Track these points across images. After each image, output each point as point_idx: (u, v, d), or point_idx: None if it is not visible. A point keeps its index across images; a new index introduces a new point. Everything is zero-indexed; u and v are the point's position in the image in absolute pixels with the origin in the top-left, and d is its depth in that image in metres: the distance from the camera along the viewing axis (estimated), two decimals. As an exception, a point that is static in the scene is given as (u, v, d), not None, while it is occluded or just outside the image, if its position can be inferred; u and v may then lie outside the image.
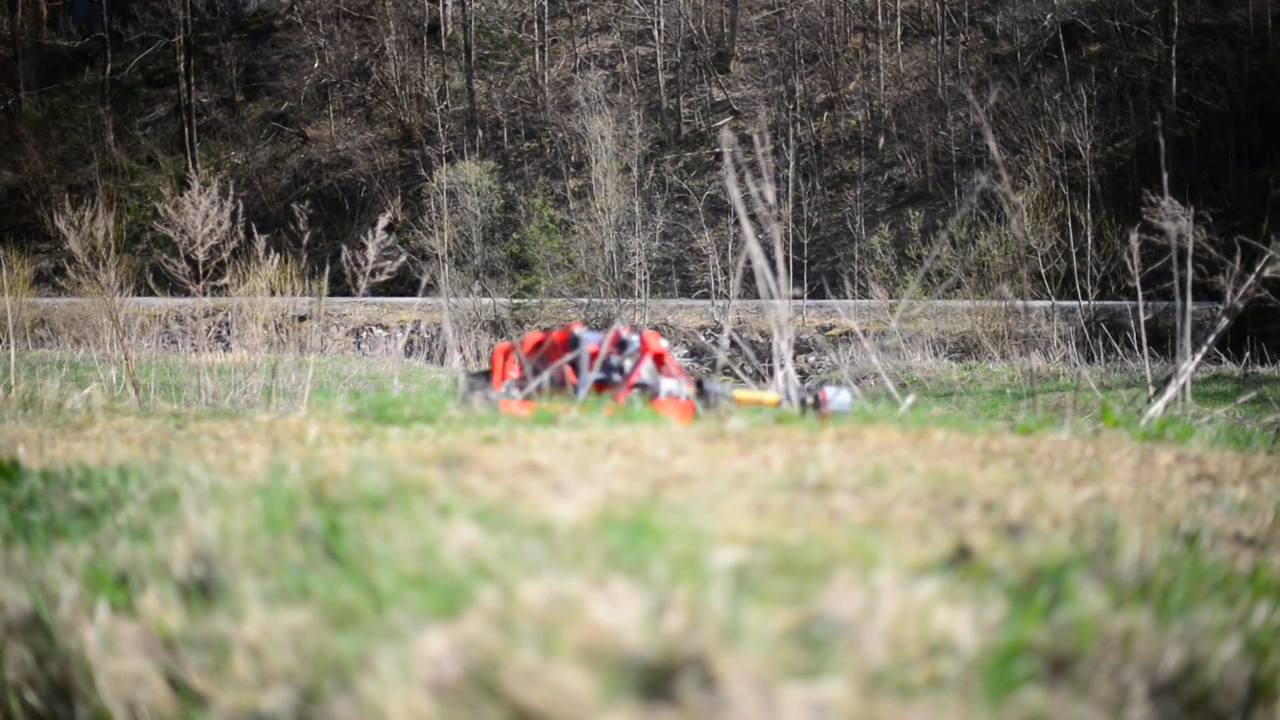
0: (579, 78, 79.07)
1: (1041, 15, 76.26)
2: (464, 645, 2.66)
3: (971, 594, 2.95)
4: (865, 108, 77.01)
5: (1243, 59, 69.73)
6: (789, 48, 79.97)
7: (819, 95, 78.69)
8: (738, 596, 2.72)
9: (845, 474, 4.81)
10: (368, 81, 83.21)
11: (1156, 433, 6.99)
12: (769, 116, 75.81)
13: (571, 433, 6.71)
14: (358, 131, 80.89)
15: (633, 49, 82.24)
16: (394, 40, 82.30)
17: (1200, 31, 71.69)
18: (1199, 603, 2.84)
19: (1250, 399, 10.26)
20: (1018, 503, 4.13)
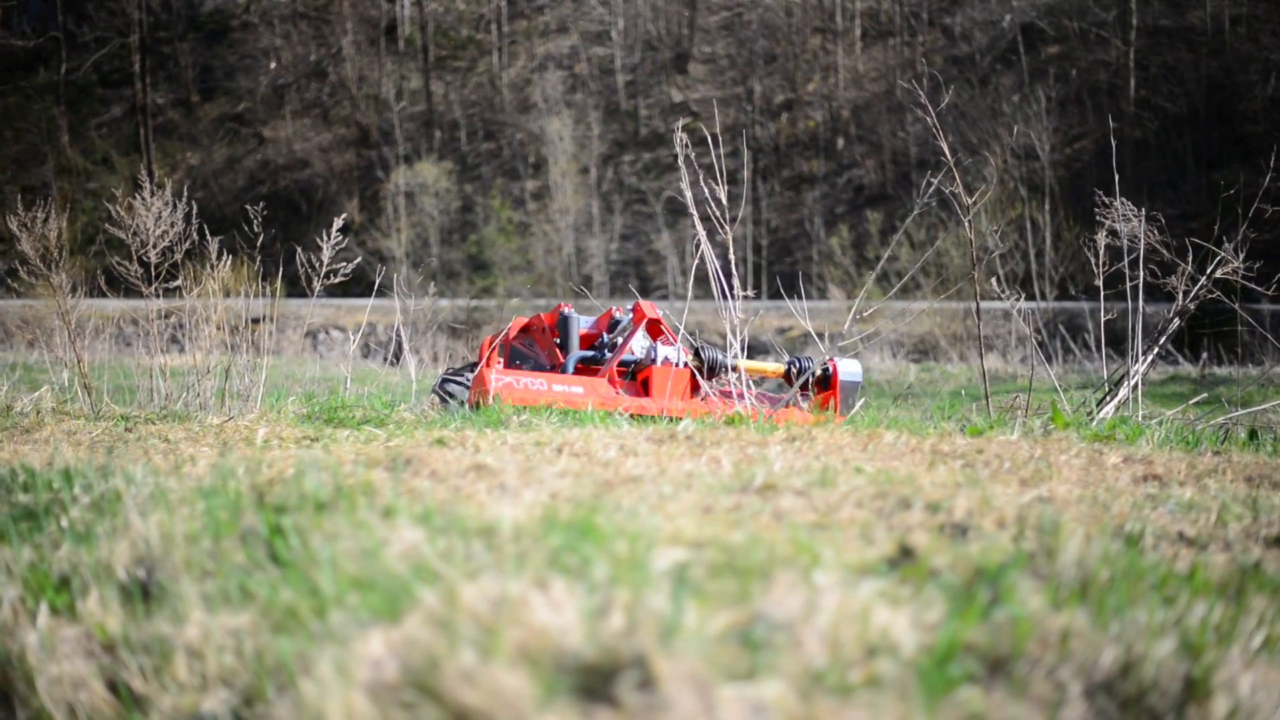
0: (537, 79, 79.07)
1: (1000, 17, 76.50)
2: (404, 646, 2.65)
3: (912, 594, 2.96)
4: (824, 109, 77.13)
5: (1201, 61, 70.08)
6: (748, 49, 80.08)
7: (778, 96, 78.80)
8: (678, 597, 2.71)
9: (793, 475, 4.82)
10: (324, 82, 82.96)
11: (1106, 434, 7.01)
12: (728, 117, 75.89)
13: (522, 434, 6.71)
14: (314, 132, 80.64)
15: (591, 50, 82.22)
16: (351, 41, 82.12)
17: (1158, 33, 72.03)
18: (1137, 602, 2.85)
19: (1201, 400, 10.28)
20: (963, 504, 4.14)
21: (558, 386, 9.09)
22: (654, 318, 10.33)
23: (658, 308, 10.52)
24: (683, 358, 9.68)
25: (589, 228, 67.18)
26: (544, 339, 11.74)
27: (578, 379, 9.39)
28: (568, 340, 11.34)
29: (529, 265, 64.83)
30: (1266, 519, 4.26)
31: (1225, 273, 8.97)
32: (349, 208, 70.38)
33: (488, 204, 70.64)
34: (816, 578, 2.92)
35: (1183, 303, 9.08)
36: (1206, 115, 67.79)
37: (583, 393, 9.04)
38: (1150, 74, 70.98)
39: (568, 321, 11.42)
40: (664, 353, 9.68)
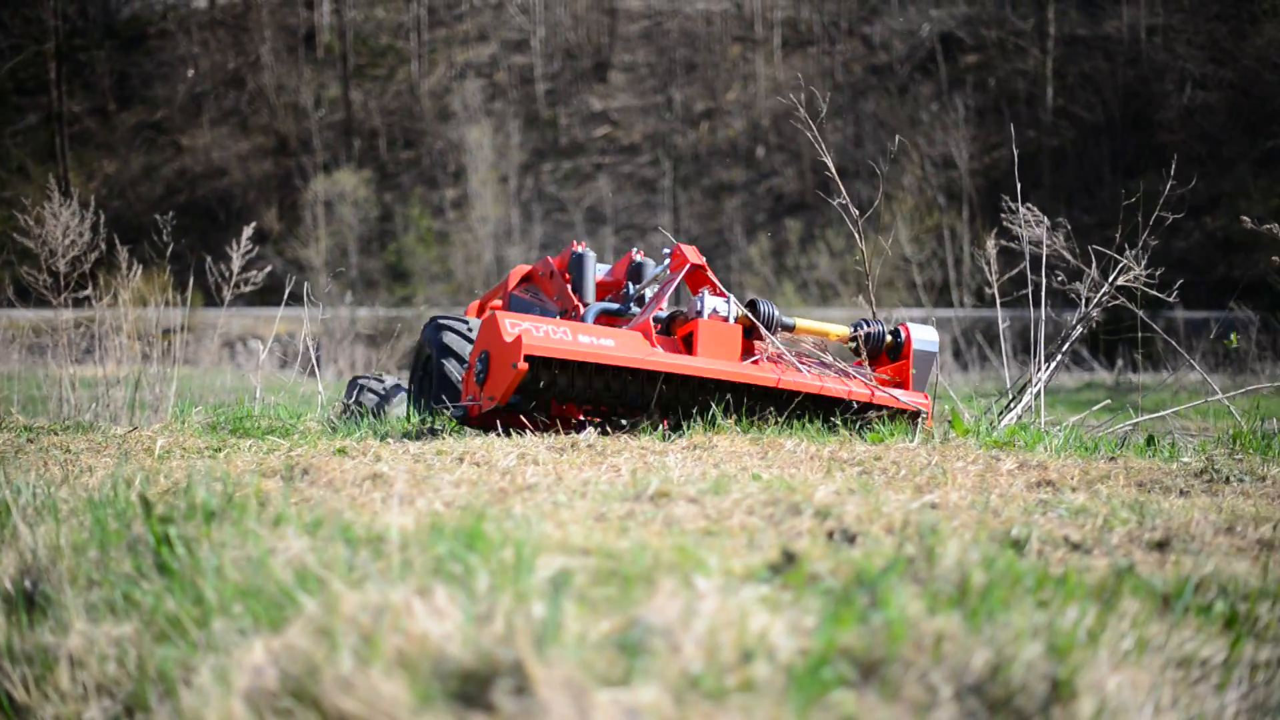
0: (457, 87, 78.87)
1: (919, 26, 76.91)
2: (285, 654, 2.67)
3: (792, 599, 3.00)
4: (744, 117, 77.31)
5: (1117, 70, 70.68)
6: (668, 57, 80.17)
7: (698, 105, 78.92)
8: (558, 604, 2.73)
9: (689, 483, 4.85)
10: (243, 90, 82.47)
11: (1006, 441, 7.08)
12: (647, 126, 76.02)
13: (425, 443, 6.72)
14: (232, 141, 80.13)
15: (511, 58, 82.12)
16: (269, 49, 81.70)
17: (1076, 43, 72.61)
18: (1011, 606, 2.90)
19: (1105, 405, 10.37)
20: (853, 510, 4.19)
21: (584, 338, 7.56)
22: (698, 263, 8.93)
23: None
24: (735, 311, 8.26)
25: (508, 236, 67.12)
26: (552, 284, 10.48)
27: (609, 330, 7.82)
28: (583, 283, 10.17)
29: (448, 274, 64.66)
30: (1151, 524, 4.32)
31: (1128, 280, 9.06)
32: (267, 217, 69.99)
33: (407, 213, 70.43)
34: (698, 583, 2.95)
35: (1086, 310, 9.17)
36: (1123, 124, 68.38)
37: (614, 346, 7.57)
38: (1068, 83, 71.57)
39: (582, 261, 10.25)
40: (712, 304, 8.28)
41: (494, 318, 7.49)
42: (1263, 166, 59.66)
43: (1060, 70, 72.02)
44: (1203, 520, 4.43)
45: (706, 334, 8.03)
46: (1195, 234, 57.40)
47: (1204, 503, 5.08)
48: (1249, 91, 63.70)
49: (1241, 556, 3.93)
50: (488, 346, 7.59)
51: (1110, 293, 9.19)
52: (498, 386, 7.30)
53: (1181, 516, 4.54)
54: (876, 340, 8.62)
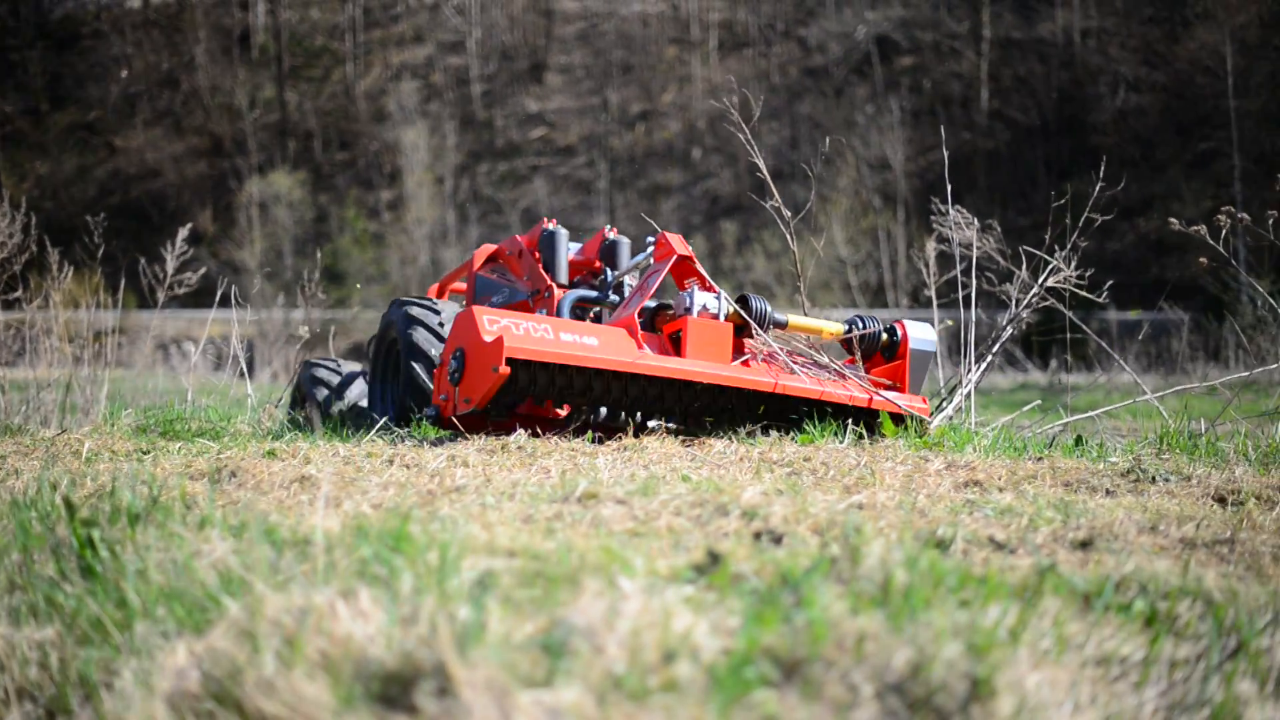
0: (392, 88, 78.70)
1: (854, 28, 77.16)
2: (208, 657, 2.66)
3: (716, 600, 3.01)
4: (680, 119, 77.40)
5: (1051, 73, 71.15)
6: (604, 59, 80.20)
7: (634, 106, 78.98)
8: (481, 605, 2.73)
9: (617, 484, 4.86)
10: (177, 91, 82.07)
11: (935, 441, 7.11)
12: (584, 128, 76.02)
13: (355, 445, 6.71)
14: (167, 142, 79.71)
15: (447, 60, 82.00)
16: (204, 49, 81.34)
17: (1010, 45, 73.04)
18: (933, 605, 2.91)
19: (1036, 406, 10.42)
20: (779, 511, 4.20)
21: (566, 336, 7.08)
22: (684, 254, 8.33)
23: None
24: (725, 308, 7.84)
25: (444, 238, 67.00)
26: (521, 264, 9.92)
27: (591, 327, 7.34)
28: (555, 262, 9.66)
29: (384, 276, 64.50)
30: (1076, 523, 4.35)
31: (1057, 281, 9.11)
32: (202, 218, 69.65)
33: (342, 214, 70.24)
34: (623, 584, 2.95)
35: (1016, 311, 9.22)
36: (1057, 126, 68.82)
37: (598, 346, 7.12)
38: (1002, 85, 72.00)
39: (554, 239, 9.72)
40: (701, 301, 7.82)
41: (471, 314, 7.06)
42: (1194, 169, 60.18)
43: (995, 73, 72.45)
44: (1127, 520, 4.47)
45: (696, 333, 7.64)
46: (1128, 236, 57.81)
47: (1129, 502, 5.11)
48: (1181, 95, 64.22)
49: (1163, 555, 3.96)
50: (463, 344, 7.15)
51: (1040, 294, 9.24)
52: (475, 389, 6.88)
53: (1106, 516, 4.57)
54: (872, 339, 8.28)
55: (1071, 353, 10.98)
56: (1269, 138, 55.34)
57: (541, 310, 9.18)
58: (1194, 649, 2.86)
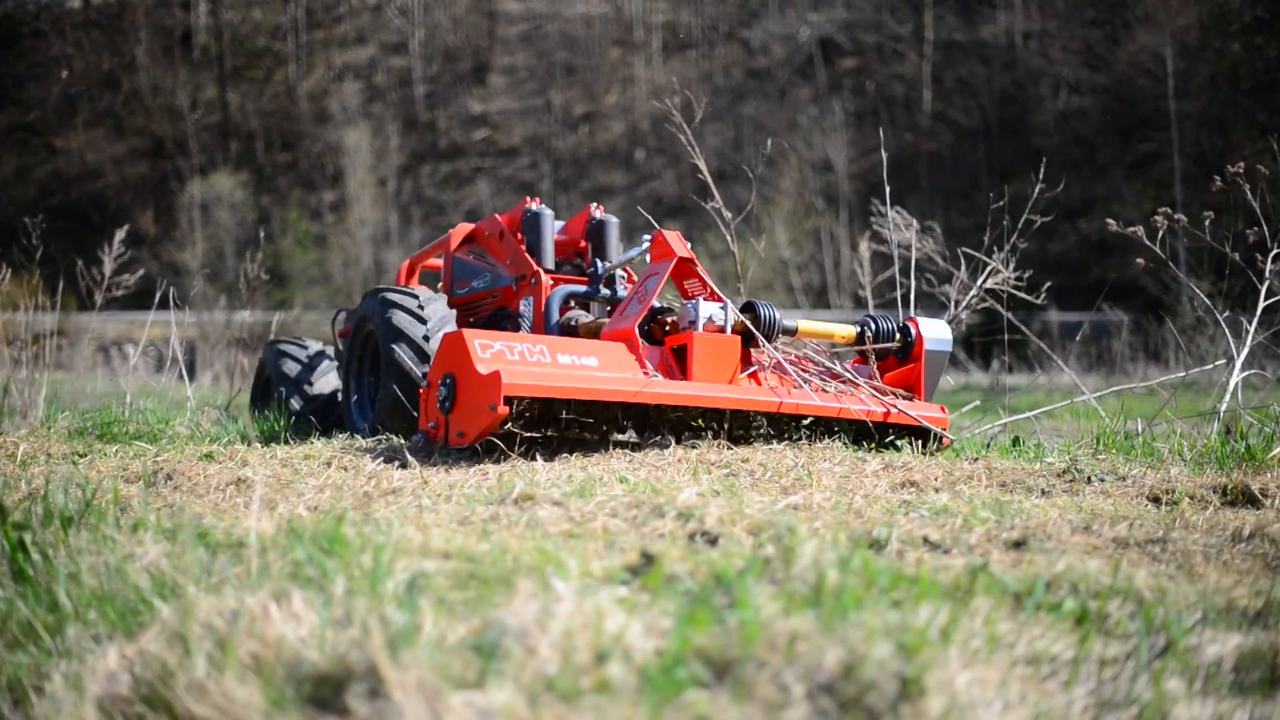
0: (335, 89, 78.42)
1: (797, 30, 77.30)
2: (139, 660, 2.66)
3: (650, 601, 3.01)
4: (623, 120, 77.39)
5: (994, 75, 71.44)
6: (547, 60, 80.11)
7: (577, 108, 78.91)
8: (414, 607, 2.73)
9: (554, 486, 4.87)
10: (118, 92, 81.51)
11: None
12: (527, 129, 75.96)
13: (293, 447, 6.70)
14: (107, 143, 79.16)
15: (390, 61, 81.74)
16: (145, 50, 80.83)
17: (953, 47, 73.31)
18: (865, 605, 2.92)
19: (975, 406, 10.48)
20: (715, 512, 4.21)
21: (564, 357, 6.69)
22: (685, 256, 7.77)
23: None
24: (732, 318, 7.28)
25: (387, 239, 66.79)
26: (502, 246, 9.34)
27: (588, 345, 6.94)
28: (540, 245, 9.18)
29: (327, 277, 64.28)
30: (1010, 523, 4.37)
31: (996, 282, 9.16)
32: (143, 220, 69.29)
33: (285, 216, 69.95)
34: (556, 586, 2.96)
35: (955, 312, 9.26)
36: (1000, 128, 69.12)
37: (599, 366, 6.76)
38: (945, 87, 72.26)
39: (539, 221, 9.22)
40: (707, 312, 7.22)
41: (461, 337, 6.54)
42: (1135, 171, 60.53)
43: (938, 75, 72.73)
44: (1060, 519, 4.50)
45: (703, 350, 7.12)
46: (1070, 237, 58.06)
47: (1064, 502, 5.15)
48: (1122, 97, 64.58)
49: (1096, 555, 3.99)
50: (453, 370, 6.57)
51: (979, 295, 9.29)
52: (471, 425, 6.31)
53: (1040, 516, 4.61)
54: (885, 338, 7.84)
55: (1012, 353, 11.05)
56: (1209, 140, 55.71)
57: (528, 299, 8.78)
58: (1123, 648, 2.88)
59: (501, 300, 9.20)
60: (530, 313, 8.76)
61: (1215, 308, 9.63)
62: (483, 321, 9.31)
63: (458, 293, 9.69)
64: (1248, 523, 4.62)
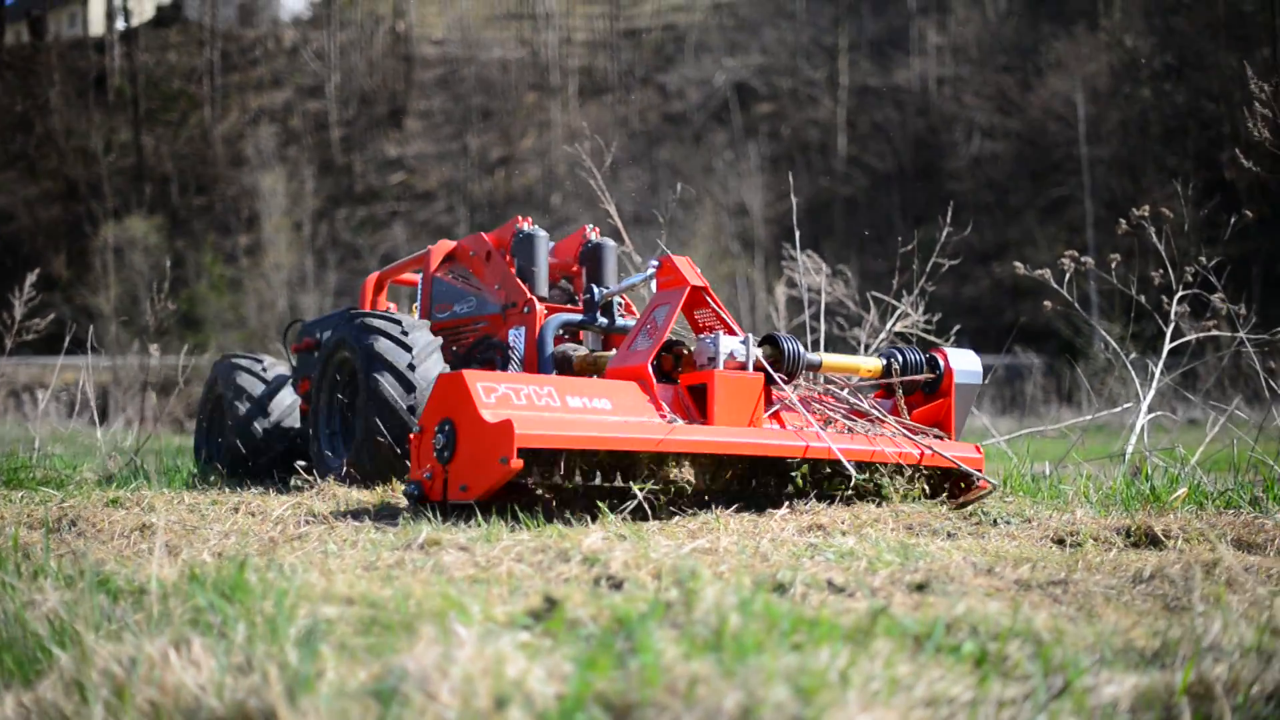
0: (251, 132, 78.14)
1: (713, 75, 77.63)
2: (35, 708, 2.64)
3: (552, 645, 3.02)
4: (540, 165, 77.45)
5: (907, 119, 71.93)
6: (464, 104, 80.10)
7: (494, 152, 78.92)
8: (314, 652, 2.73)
9: (460, 530, 4.87)
10: (31, 134, 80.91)
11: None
12: (443, 173, 75.93)
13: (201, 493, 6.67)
14: (20, 186, 78.48)
15: (305, 104, 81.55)
16: (59, 92, 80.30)
17: (867, 93, 73.77)
18: (766, 648, 2.93)
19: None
20: (620, 557, 4.22)
21: (574, 400, 6.13)
22: (698, 284, 7.15)
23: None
24: (753, 354, 6.68)
25: (303, 283, 66.53)
26: (489, 269, 8.74)
27: (599, 386, 6.39)
28: (534, 270, 8.54)
29: (242, 322, 63.94)
30: (913, 565, 4.40)
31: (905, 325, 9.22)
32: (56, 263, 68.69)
33: (199, 260, 69.55)
34: (458, 631, 2.96)
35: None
36: (914, 172, 69.60)
37: (612, 409, 6.23)
38: (860, 132, 72.71)
39: (533, 243, 8.59)
40: (728, 347, 6.63)
41: (461, 380, 5.94)
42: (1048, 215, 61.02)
43: (852, 120, 73.19)
44: (964, 562, 4.54)
45: (725, 391, 6.53)
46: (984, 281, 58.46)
47: (969, 545, 5.19)
48: (1035, 142, 65.15)
49: (998, 597, 4.02)
50: (452, 415, 5.98)
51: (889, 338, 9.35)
52: (476, 479, 5.76)
53: (944, 559, 4.64)
54: (913, 371, 7.35)
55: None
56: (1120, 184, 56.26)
57: (518, 328, 8.19)
58: (1021, 689, 2.90)
59: (487, 328, 8.64)
60: (520, 344, 8.17)
61: (1124, 350, 9.73)
62: (465, 350, 8.69)
63: (437, 317, 9.12)
64: (1149, 564, 4.67)
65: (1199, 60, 59.13)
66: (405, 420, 7.37)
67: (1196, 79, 59.10)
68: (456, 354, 8.67)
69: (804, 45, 76.68)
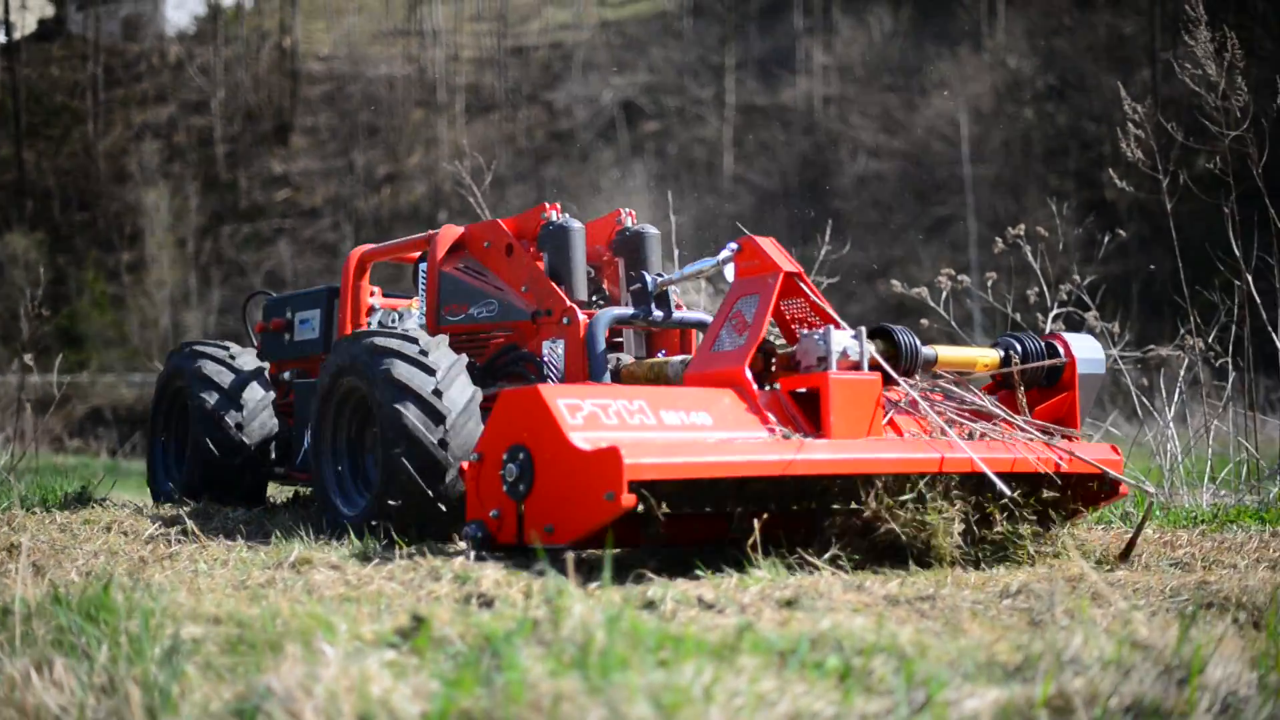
0: (134, 148, 77.38)
1: (600, 93, 77.72)
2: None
3: (419, 664, 3.02)
4: (427, 181, 77.20)
5: (793, 139, 72.26)
6: (350, 121, 79.70)
7: (380, 169, 78.56)
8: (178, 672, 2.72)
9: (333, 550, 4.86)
10: (-91, 149, 79.90)
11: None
12: (329, 190, 75.55)
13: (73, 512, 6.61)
14: (-103, 201, 77.56)
15: (190, 120, 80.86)
16: (-62, 107, 79.31)
17: (754, 111, 73.99)
18: (631, 665, 2.95)
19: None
20: (491, 575, 4.23)
21: (669, 415, 5.17)
22: (791, 270, 6.06)
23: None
24: (868, 351, 5.73)
25: (186, 300, 65.98)
26: (511, 265, 7.51)
27: (694, 397, 5.43)
28: (570, 268, 7.37)
29: (124, 339, 63.30)
30: (784, 582, 4.43)
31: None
32: (-67, 280, 67.83)
33: (81, 276, 68.78)
34: (324, 650, 2.96)
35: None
36: (800, 191, 69.95)
37: (713, 424, 5.26)
38: (746, 150, 72.93)
39: (568, 236, 7.41)
40: (840, 343, 5.65)
41: (539, 398, 5.00)
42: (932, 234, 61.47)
43: (739, 138, 73.42)
44: (833, 578, 4.57)
45: (842, 396, 5.54)
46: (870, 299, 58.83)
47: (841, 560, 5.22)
48: (919, 161, 65.64)
49: (865, 613, 4.06)
50: (527, 440, 5.03)
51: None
52: (568, 519, 4.79)
53: (814, 575, 4.67)
54: (1035, 361, 6.42)
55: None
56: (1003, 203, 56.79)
57: (555, 340, 7.07)
58: (884, 704, 2.93)
59: (514, 337, 7.48)
60: (559, 360, 7.07)
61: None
62: (485, 362, 7.47)
63: (448, 319, 7.85)
64: (1016, 579, 4.73)
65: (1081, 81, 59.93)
66: (436, 457, 6.26)
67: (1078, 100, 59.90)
68: (473, 365, 6.99)
69: (691, 64, 76.88)
